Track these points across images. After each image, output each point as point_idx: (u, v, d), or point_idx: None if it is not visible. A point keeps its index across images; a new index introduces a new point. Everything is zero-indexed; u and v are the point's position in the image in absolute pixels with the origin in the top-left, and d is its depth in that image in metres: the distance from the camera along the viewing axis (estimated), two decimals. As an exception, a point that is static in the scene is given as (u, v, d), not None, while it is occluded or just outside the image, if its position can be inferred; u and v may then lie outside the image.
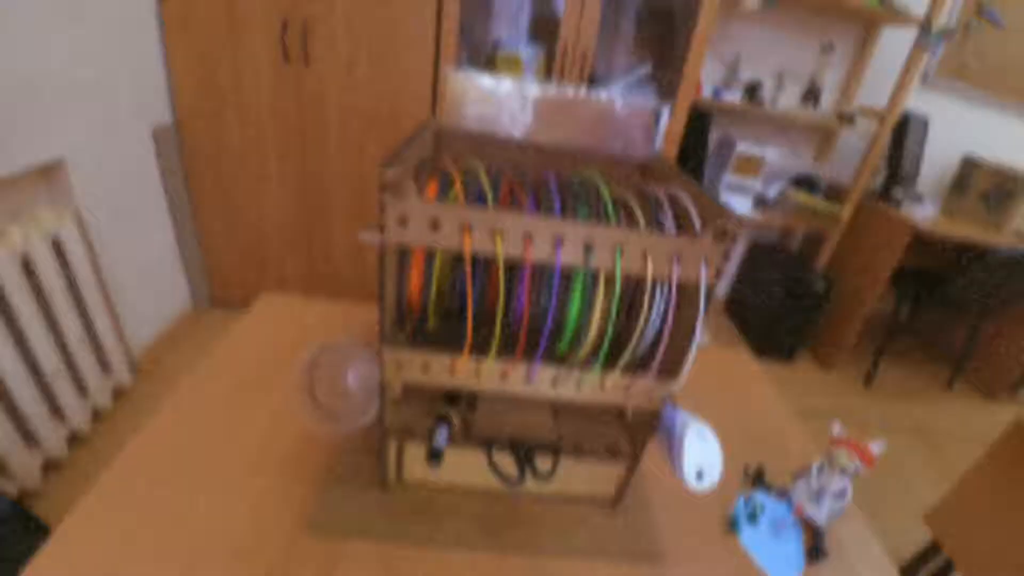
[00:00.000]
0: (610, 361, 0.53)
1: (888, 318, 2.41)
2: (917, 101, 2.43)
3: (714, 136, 2.34)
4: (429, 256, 0.52)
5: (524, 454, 0.57)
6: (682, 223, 0.52)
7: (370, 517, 0.57)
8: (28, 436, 1.22)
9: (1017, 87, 2.44)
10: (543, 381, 0.52)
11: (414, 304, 0.53)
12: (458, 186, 0.49)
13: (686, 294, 0.50)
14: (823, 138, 2.52)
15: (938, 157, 2.59)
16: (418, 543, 0.55)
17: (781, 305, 2.36)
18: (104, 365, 1.47)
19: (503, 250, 0.45)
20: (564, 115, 0.65)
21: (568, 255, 0.46)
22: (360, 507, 0.57)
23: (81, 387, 1.38)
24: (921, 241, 2.12)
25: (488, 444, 0.58)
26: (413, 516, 0.57)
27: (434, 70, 1.71)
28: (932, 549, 1.21)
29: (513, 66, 1.78)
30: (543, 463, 0.57)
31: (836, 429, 0.65)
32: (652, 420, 0.55)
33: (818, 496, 0.63)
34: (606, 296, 0.52)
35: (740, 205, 2.30)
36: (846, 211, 2.29)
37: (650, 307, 0.50)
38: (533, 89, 0.64)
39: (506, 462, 0.58)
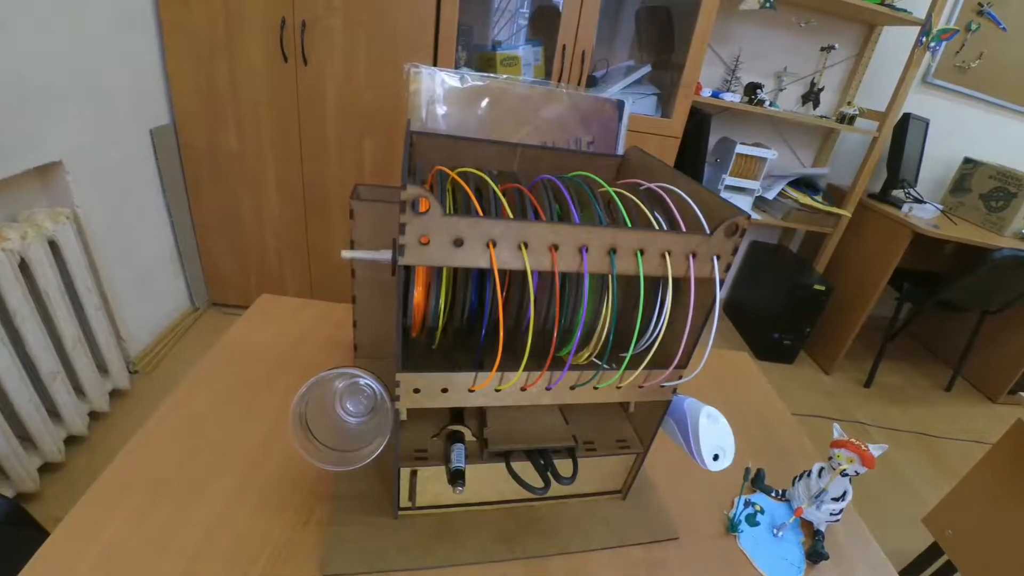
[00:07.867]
0: (611, 358, 0.53)
1: (888, 320, 2.41)
2: (917, 102, 2.43)
3: (713, 137, 2.34)
4: (437, 272, 0.50)
5: (544, 461, 0.55)
6: (672, 217, 0.52)
7: (383, 543, 0.54)
8: (25, 438, 1.22)
9: (1018, 88, 2.43)
10: (562, 387, 0.51)
11: (417, 323, 0.52)
12: (473, 197, 0.48)
13: (686, 289, 0.50)
14: (823, 139, 2.52)
15: (938, 158, 2.59)
16: (442, 564, 0.53)
17: (781, 307, 2.36)
18: (101, 367, 1.46)
19: (531, 262, 0.44)
20: (528, 109, 0.64)
21: (592, 261, 0.45)
22: (373, 535, 0.55)
23: (78, 389, 1.37)
24: (921, 243, 2.12)
25: (505, 457, 0.56)
26: (431, 540, 0.55)
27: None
28: (932, 551, 1.21)
29: (512, 66, 1.78)
30: (562, 467, 0.56)
31: (836, 431, 0.65)
32: (659, 410, 0.57)
33: (818, 498, 0.63)
34: (616, 297, 0.52)
35: (740, 206, 2.29)
36: (846, 212, 2.29)
37: (662, 305, 0.50)
38: (499, 82, 0.63)
39: (522, 470, 0.57)
